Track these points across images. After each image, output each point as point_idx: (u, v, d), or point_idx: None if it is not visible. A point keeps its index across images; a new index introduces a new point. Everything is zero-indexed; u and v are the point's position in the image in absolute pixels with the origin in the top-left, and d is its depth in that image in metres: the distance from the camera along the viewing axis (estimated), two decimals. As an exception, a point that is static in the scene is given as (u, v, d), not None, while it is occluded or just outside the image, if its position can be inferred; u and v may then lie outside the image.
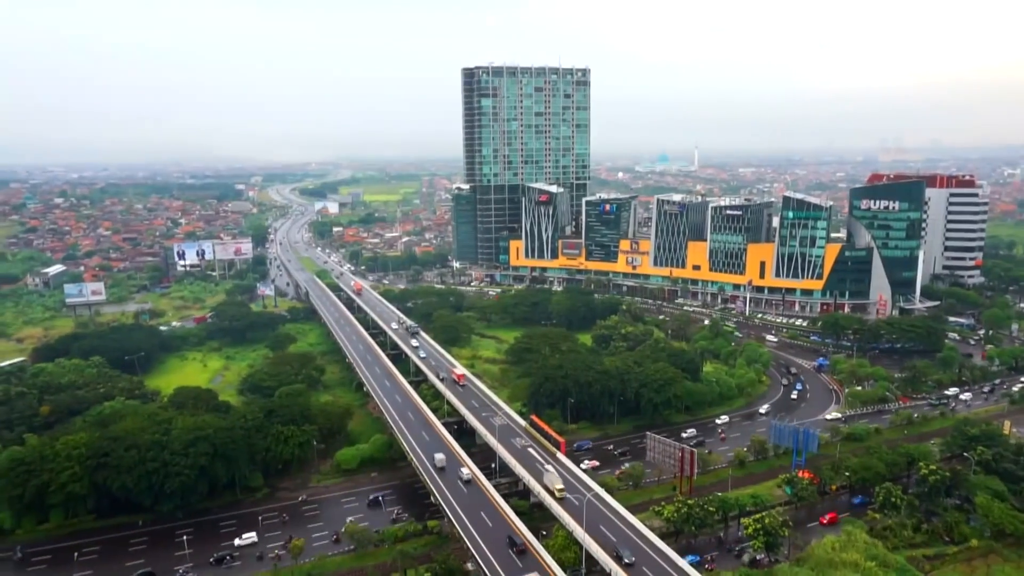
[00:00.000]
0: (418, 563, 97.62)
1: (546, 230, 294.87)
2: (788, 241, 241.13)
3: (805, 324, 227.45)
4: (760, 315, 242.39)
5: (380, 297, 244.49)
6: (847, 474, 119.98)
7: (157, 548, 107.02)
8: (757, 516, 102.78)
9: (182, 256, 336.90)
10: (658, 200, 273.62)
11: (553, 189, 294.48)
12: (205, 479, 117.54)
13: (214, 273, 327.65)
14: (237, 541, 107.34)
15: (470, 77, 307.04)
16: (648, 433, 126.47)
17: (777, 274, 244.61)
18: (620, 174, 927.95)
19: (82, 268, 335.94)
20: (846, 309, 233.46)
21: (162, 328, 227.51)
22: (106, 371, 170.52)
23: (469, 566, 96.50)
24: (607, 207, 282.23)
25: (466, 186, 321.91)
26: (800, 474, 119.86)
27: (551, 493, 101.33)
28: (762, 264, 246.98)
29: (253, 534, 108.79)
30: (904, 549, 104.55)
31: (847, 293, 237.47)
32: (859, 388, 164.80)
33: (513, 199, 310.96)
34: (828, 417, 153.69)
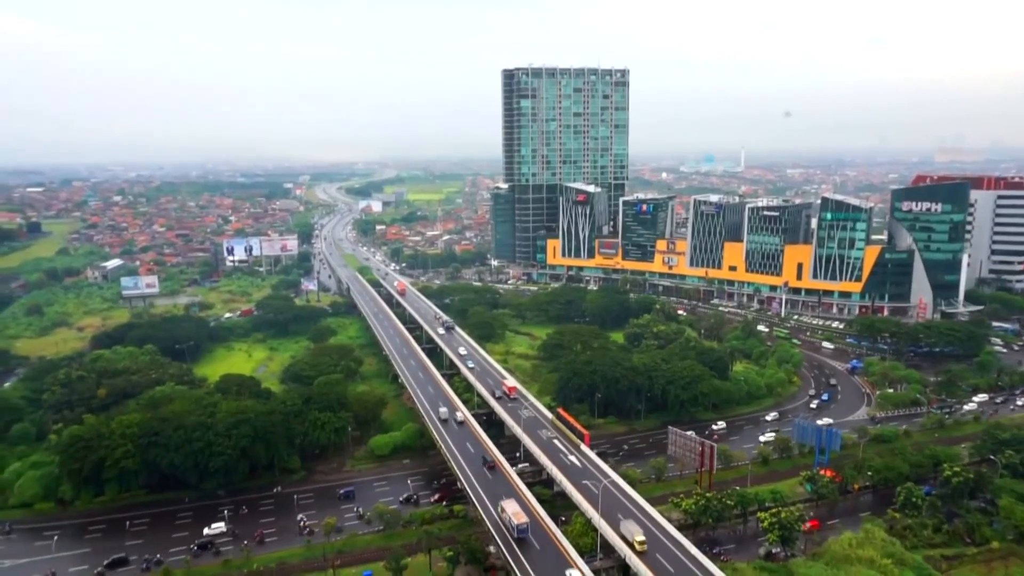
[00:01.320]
0: (442, 544, 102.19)
1: (583, 229, 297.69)
2: (826, 243, 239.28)
3: (841, 327, 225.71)
4: (796, 316, 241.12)
5: (418, 293, 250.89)
6: (869, 474, 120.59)
7: (201, 522, 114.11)
8: (773, 510, 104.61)
9: (231, 252, 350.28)
10: (694, 200, 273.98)
11: (590, 189, 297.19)
12: (246, 460, 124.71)
13: (261, 268, 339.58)
14: (206, 530, 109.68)
15: (510, 78, 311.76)
16: (670, 427, 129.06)
17: (814, 276, 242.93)
18: (664, 175, 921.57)
19: (138, 263, 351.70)
20: (885, 312, 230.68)
21: (210, 320, 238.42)
22: (158, 358, 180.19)
23: (491, 548, 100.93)
24: (644, 207, 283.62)
25: (505, 185, 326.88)
26: (822, 473, 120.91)
27: (630, 545, 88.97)
28: (799, 266, 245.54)
29: (222, 524, 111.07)
30: (923, 549, 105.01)
31: (887, 296, 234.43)
32: (891, 391, 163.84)
33: (551, 199, 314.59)
34: (853, 418, 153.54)
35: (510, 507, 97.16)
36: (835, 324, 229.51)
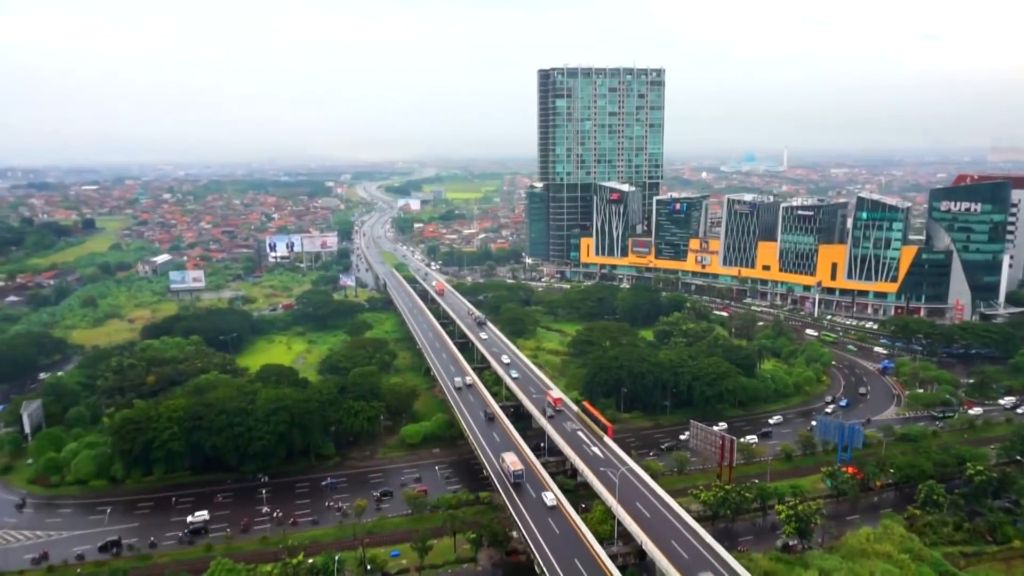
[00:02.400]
0: (467, 527, 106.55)
1: (616, 228, 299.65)
2: (861, 242, 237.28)
3: (876, 327, 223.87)
4: (829, 316, 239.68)
5: (454, 291, 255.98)
6: (891, 471, 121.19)
7: (240, 502, 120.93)
8: (791, 504, 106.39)
9: (273, 248, 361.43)
10: (728, 200, 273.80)
11: (624, 188, 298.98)
12: (284, 445, 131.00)
13: (302, 264, 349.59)
14: (189, 519, 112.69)
15: (545, 78, 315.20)
16: (691, 421, 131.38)
17: (849, 276, 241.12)
18: (704, 174, 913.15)
19: (185, 258, 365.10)
20: (922, 313, 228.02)
21: (253, 313, 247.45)
22: (203, 349, 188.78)
23: (514, 534, 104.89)
24: (677, 206, 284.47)
25: (540, 184, 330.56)
26: (844, 470, 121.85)
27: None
28: (834, 265, 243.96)
29: (205, 512, 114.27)
30: (943, 546, 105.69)
31: (923, 297, 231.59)
32: (920, 391, 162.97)
33: (585, 197, 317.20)
34: (880, 418, 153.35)
35: (508, 458, 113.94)
36: (869, 324, 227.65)
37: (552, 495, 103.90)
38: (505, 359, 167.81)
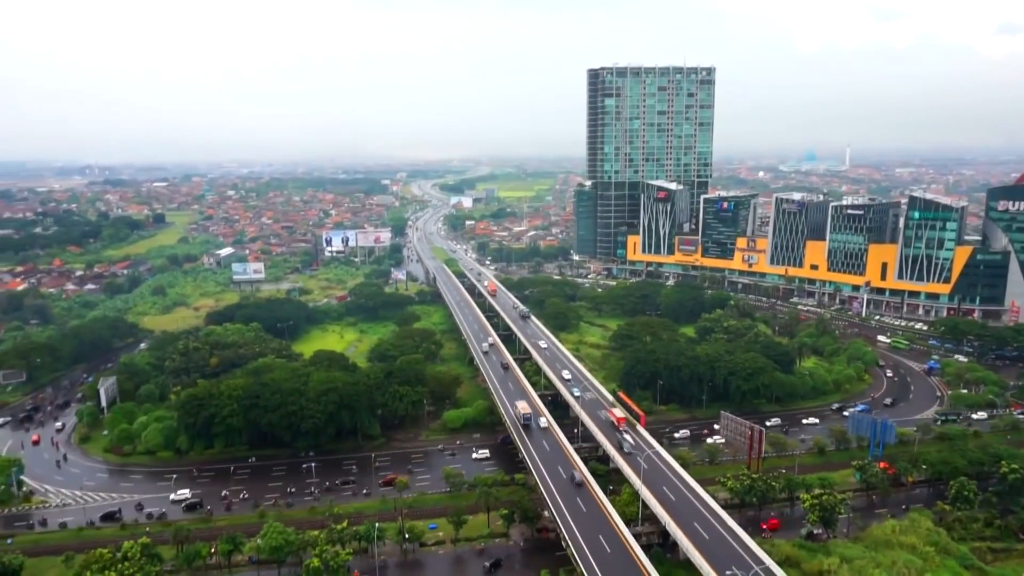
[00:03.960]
0: (501, 505, 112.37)
1: (663, 226, 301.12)
2: (913, 242, 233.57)
3: (926, 328, 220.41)
4: (877, 317, 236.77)
5: (507, 291, 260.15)
6: (924, 467, 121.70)
7: (292, 475, 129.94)
8: (816, 493, 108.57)
9: (330, 243, 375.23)
10: (777, 199, 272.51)
11: (672, 186, 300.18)
12: (333, 424, 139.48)
13: (356, 259, 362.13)
14: (172, 496, 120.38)
15: (595, 78, 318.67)
16: (722, 412, 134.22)
17: (900, 276, 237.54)
18: (761, 173, 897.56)
19: (247, 251, 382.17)
20: (976, 315, 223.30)
21: (309, 303, 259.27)
22: (261, 335, 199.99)
23: (546, 513, 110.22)
24: (724, 205, 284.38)
25: (588, 183, 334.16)
26: (876, 465, 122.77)
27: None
28: (884, 265, 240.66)
29: (187, 491, 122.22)
30: (971, 541, 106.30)
31: (977, 298, 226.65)
32: (964, 391, 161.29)
33: (633, 195, 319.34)
34: (920, 416, 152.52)
35: (520, 405, 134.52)
36: (918, 326, 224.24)
37: (579, 473, 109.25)
38: (542, 344, 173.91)
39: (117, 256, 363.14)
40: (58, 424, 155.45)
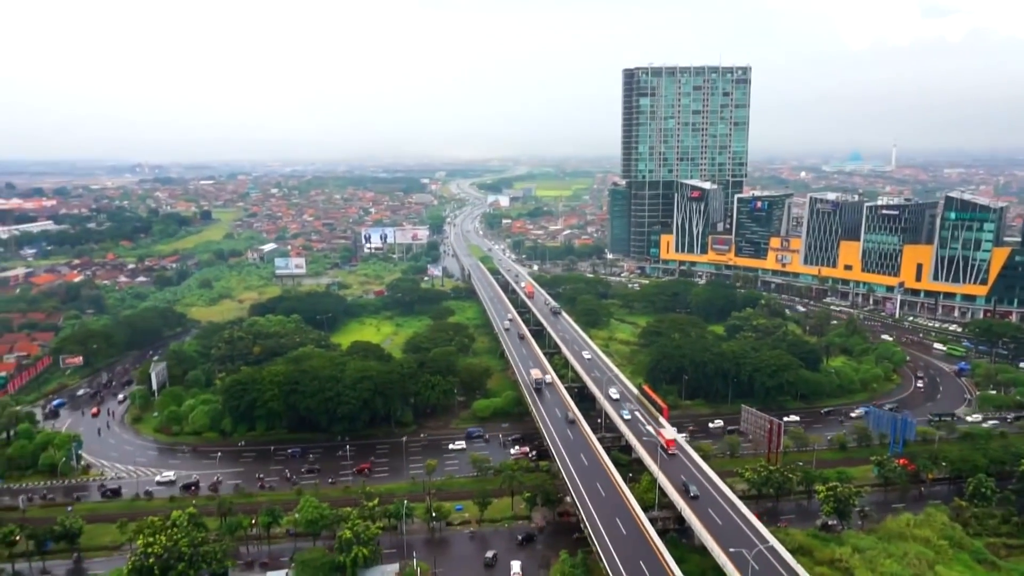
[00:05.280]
0: (524, 489, 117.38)
1: (697, 225, 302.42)
2: (949, 243, 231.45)
3: (960, 330, 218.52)
4: (911, 318, 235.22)
5: (541, 290, 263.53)
6: (943, 464, 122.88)
7: (328, 457, 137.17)
8: (831, 485, 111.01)
9: (368, 240, 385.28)
10: (811, 198, 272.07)
11: (706, 185, 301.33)
12: (367, 410, 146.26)
13: (394, 255, 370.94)
14: (157, 478, 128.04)
15: (630, 77, 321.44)
16: (743, 405, 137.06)
17: (935, 277, 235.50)
18: (803, 173, 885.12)
19: (289, 247, 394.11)
20: (1013, 317, 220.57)
21: (347, 297, 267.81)
22: (302, 326, 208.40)
23: (568, 499, 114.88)
24: (758, 204, 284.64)
25: (622, 181, 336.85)
26: (895, 461, 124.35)
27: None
28: (919, 266, 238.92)
29: (171, 473, 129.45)
30: (986, 537, 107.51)
31: (1016, 300, 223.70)
32: (992, 392, 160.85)
33: (667, 194, 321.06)
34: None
35: (533, 372, 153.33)
36: (952, 327, 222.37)
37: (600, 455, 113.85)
38: (586, 355, 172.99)
39: (166, 251, 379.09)
40: (120, 396, 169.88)
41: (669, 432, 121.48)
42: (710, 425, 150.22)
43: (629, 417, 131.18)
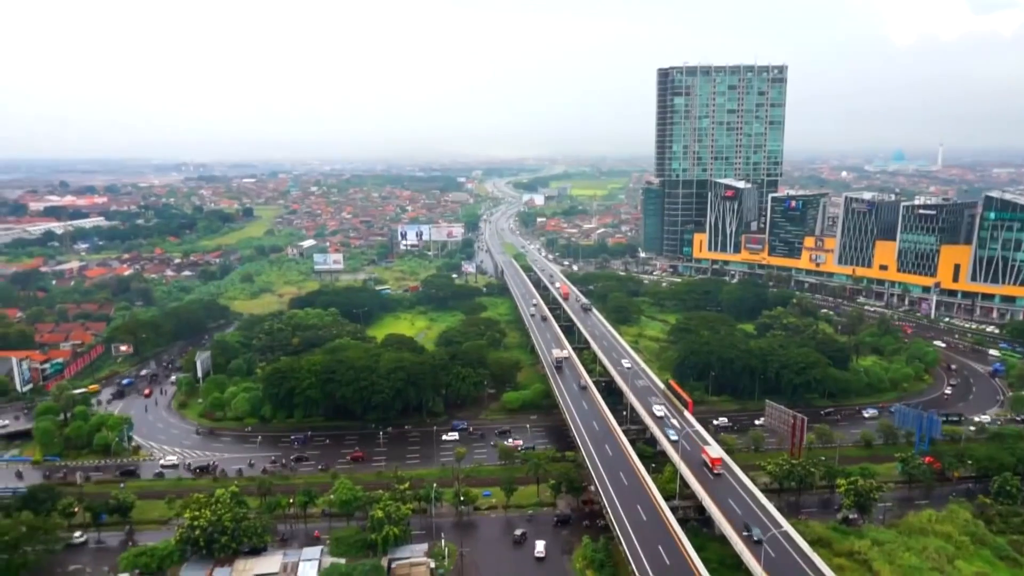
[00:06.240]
0: (550, 477, 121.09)
1: (730, 224, 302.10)
2: (988, 244, 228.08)
3: (998, 331, 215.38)
4: (947, 319, 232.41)
5: (578, 294, 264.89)
6: (969, 463, 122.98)
7: (362, 444, 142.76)
8: (852, 479, 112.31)
9: (404, 237, 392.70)
10: (846, 198, 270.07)
11: (739, 185, 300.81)
12: (400, 400, 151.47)
13: (429, 252, 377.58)
14: (161, 461, 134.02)
15: (664, 77, 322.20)
16: (768, 401, 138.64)
17: (973, 278, 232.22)
18: (844, 173, 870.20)
19: (328, 243, 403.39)
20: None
21: (383, 292, 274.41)
22: (339, 319, 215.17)
23: (592, 488, 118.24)
24: (792, 203, 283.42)
25: (656, 180, 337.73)
26: (921, 459, 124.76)
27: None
28: (956, 267, 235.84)
29: (173, 457, 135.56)
30: (1010, 534, 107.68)
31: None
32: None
33: (700, 193, 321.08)
34: (980, 418, 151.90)
35: (555, 351, 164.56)
36: (989, 328, 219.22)
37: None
38: (626, 363, 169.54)
39: (210, 246, 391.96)
40: (172, 378, 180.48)
41: (715, 450, 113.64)
42: (714, 422, 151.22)
43: (662, 414, 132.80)
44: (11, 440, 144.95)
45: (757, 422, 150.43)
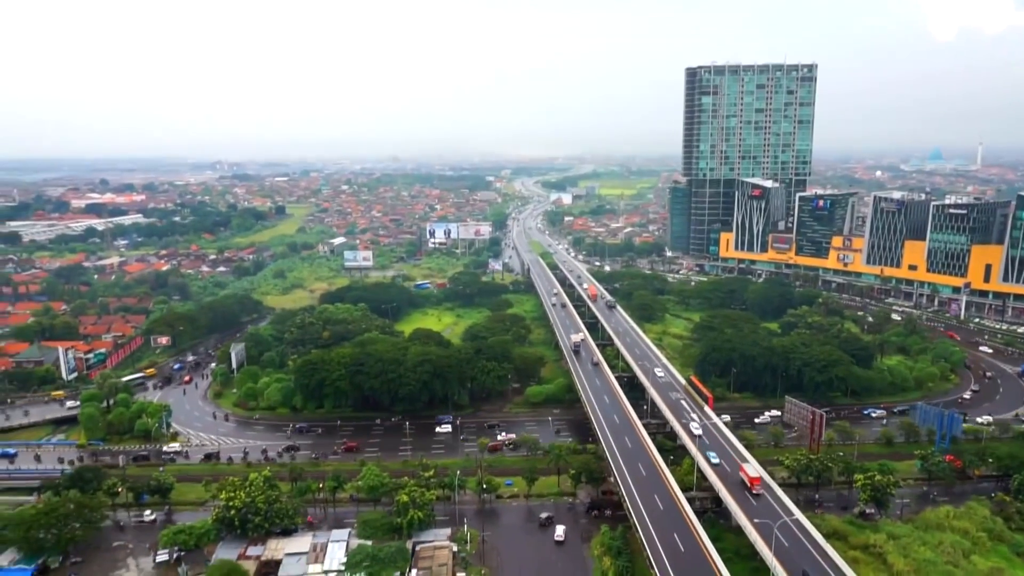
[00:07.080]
0: (571, 468, 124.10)
1: (757, 223, 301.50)
2: (1021, 243, 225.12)
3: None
4: (976, 320, 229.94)
5: (603, 291, 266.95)
6: (991, 461, 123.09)
7: (389, 435, 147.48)
8: (869, 474, 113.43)
9: (433, 235, 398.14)
10: (875, 197, 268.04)
11: (766, 184, 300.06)
12: (427, 392, 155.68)
13: (457, 250, 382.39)
14: (166, 448, 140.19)
15: (692, 76, 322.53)
16: (787, 397, 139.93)
17: (1005, 278, 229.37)
18: (878, 173, 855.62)
19: (358, 241, 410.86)
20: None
21: (411, 288, 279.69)
22: (368, 314, 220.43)
23: (611, 479, 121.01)
24: (820, 203, 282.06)
25: (683, 179, 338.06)
26: (942, 457, 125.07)
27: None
28: (987, 267, 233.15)
29: (177, 444, 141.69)
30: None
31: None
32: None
33: (727, 193, 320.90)
34: (1004, 417, 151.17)
35: (573, 336, 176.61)
36: (1021, 329, 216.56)
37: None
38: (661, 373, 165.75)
39: (244, 243, 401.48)
40: (211, 366, 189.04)
41: (753, 469, 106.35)
42: (756, 420, 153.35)
43: (699, 432, 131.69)
44: (58, 425, 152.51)
45: (766, 414, 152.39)
